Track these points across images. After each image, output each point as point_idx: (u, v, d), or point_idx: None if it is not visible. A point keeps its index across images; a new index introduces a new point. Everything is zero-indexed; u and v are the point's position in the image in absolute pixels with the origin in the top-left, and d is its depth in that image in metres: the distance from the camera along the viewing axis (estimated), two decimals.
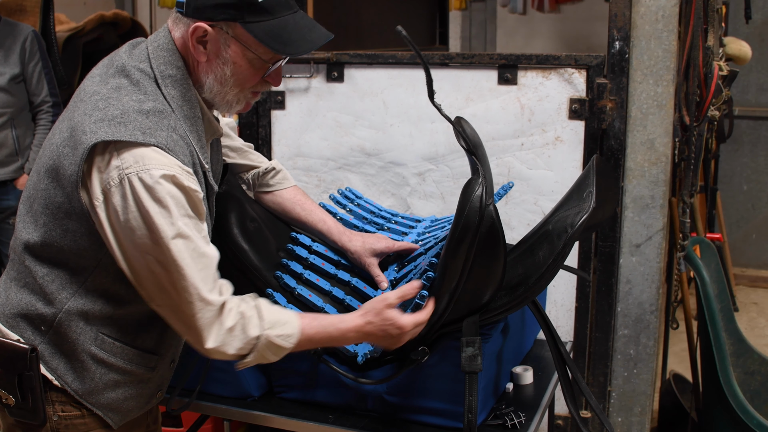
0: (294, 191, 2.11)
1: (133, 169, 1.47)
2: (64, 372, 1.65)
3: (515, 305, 1.76)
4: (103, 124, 1.50)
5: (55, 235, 1.58)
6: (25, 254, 1.63)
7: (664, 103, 2.43)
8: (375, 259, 2.04)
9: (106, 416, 1.69)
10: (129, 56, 1.64)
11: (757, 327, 4.93)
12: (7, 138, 3.57)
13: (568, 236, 1.69)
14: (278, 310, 1.66)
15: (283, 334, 1.63)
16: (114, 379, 1.68)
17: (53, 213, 1.58)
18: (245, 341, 1.60)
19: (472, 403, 1.74)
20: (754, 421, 2.77)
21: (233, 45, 1.58)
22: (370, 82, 2.70)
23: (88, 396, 1.66)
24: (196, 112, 1.63)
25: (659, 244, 2.50)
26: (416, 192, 2.72)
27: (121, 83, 1.58)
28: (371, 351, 1.87)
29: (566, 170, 2.53)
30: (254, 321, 1.61)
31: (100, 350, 1.65)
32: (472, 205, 1.65)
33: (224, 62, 1.60)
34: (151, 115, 1.53)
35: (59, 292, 1.61)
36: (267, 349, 1.62)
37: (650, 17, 2.39)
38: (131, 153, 1.48)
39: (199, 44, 1.58)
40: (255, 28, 1.57)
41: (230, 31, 1.57)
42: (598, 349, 2.60)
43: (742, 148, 5.66)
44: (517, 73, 2.54)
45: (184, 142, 1.56)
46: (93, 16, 4.59)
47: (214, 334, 1.57)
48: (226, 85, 1.63)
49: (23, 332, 1.64)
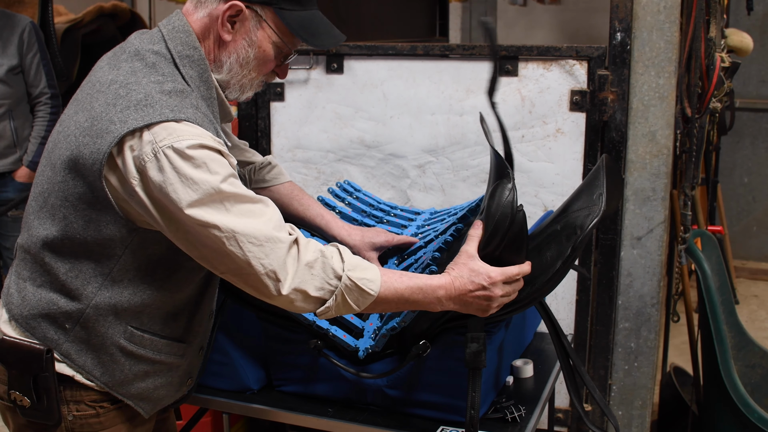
0: (290, 186, 2.10)
1: (167, 141, 1.45)
2: (93, 367, 1.64)
3: (522, 306, 1.74)
4: (131, 111, 1.48)
5: (77, 227, 1.56)
6: (45, 251, 1.60)
7: (666, 94, 2.42)
8: (374, 253, 2.04)
9: (137, 405, 1.69)
10: (141, 41, 1.63)
11: (758, 320, 4.93)
12: (6, 130, 3.56)
13: (577, 239, 1.67)
14: (359, 258, 1.58)
15: (366, 277, 1.54)
16: (144, 370, 1.67)
17: (73, 205, 1.55)
18: (327, 280, 1.52)
19: (475, 399, 1.74)
20: (754, 414, 2.77)
21: (262, 29, 1.61)
22: (369, 73, 2.69)
23: (119, 387, 1.66)
24: (212, 93, 1.64)
25: (660, 237, 2.49)
26: (416, 184, 2.71)
27: (135, 66, 1.57)
28: (372, 346, 1.86)
29: (567, 162, 2.52)
30: (336, 259, 1.54)
31: (129, 343, 1.64)
32: (503, 211, 1.61)
33: (250, 44, 1.62)
34: (174, 95, 1.52)
35: (84, 287, 1.59)
36: (350, 294, 1.53)
37: (652, 8, 2.38)
38: (162, 127, 1.47)
39: (228, 22, 1.60)
40: (288, 16, 1.60)
41: (263, 14, 1.60)
42: (598, 342, 2.59)
43: (743, 140, 5.65)
44: (518, 64, 2.52)
45: (207, 119, 1.56)
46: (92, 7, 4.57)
47: (291, 270, 1.49)
48: (246, 68, 1.65)
49: (46, 332, 1.62)
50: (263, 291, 1.52)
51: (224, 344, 2.01)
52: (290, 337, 1.95)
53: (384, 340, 1.84)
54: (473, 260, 1.60)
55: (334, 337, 1.86)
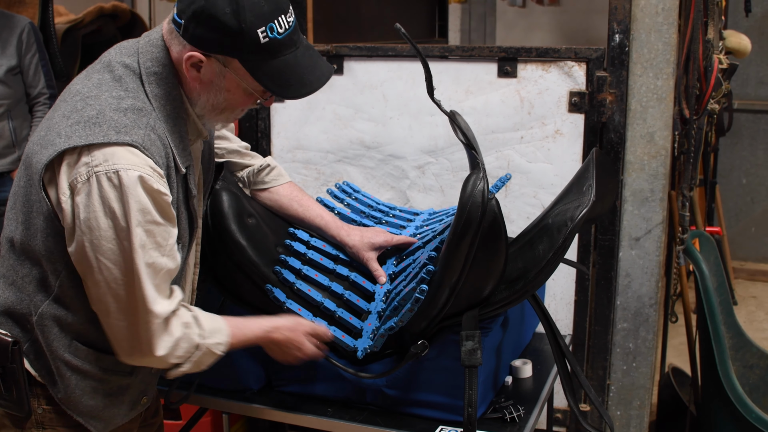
0: (290, 187, 2.10)
1: (102, 168, 1.45)
2: (45, 375, 1.63)
3: (515, 299, 1.76)
4: (78, 127, 1.48)
5: (29, 234, 1.56)
6: (10, 252, 1.61)
7: (664, 96, 2.43)
8: (374, 253, 2.04)
9: (87, 423, 1.66)
10: (117, 52, 1.61)
11: (756, 320, 4.94)
12: (4, 129, 3.56)
13: (567, 230, 1.68)
14: (212, 318, 1.67)
15: (218, 342, 1.65)
16: (91, 386, 1.64)
17: (28, 211, 1.56)
18: (187, 350, 1.60)
19: (472, 397, 1.74)
20: (752, 414, 2.77)
21: (229, 76, 1.55)
22: (369, 74, 2.69)
23: (68, 403, 1.64)
24: (180, 112, 1.60)
25: (658, 238, 2.50)
26: (415, 185, 2.72)
27: (103, 79, 1.56)
28: (371, 346, 1.87)
29: (566, 163, 2.52)
30: (195, 330, 1.61)
31: (74, 357, 1.62)
32: (474, 200, 1.65)
33: (218, 90, 1.58)
34: (129, 113, 1.51)
35: (35, 295, 1.59)
36: (204, 357, 1.64)
37: (650, 10, 2.39)
38: (102, 151, 1.46)
39: (192, 68, 1.55)
40: (253, 67, 1.53)
41: (227, 64, 1.54)
42: (597, 342, 2.60)
43: (741, 141, 5.65)
44: (517, 65, 2.53)
45: (161, 142, 1.53)
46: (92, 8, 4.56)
47: (164, 342, 1.56)
48: (217, 108, 1.61)
49: (11, 329, 1.62)
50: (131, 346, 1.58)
51: None
52: None
53: (382, 340, 1.85)
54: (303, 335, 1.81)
55: (332, 337, 1.87)
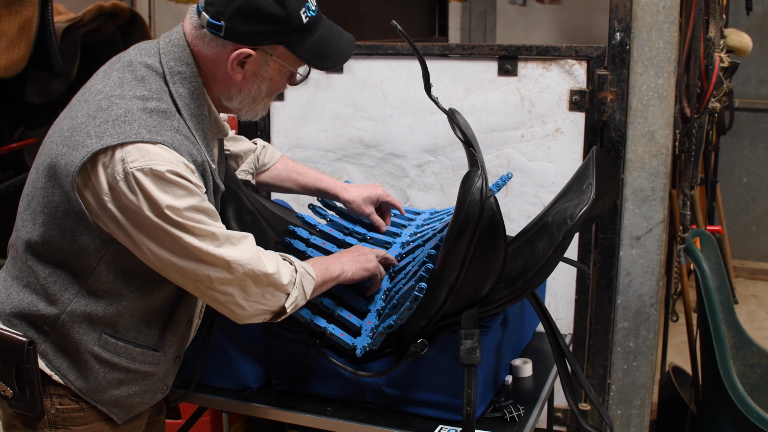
0: (284, 160, 2.19)
1: (138, 164, 1.46)
2: (68, 371, 1.64)
3: (514, 298, 1.76)
4: (108, 126, 1.49)
5: (55, 235, 1.57)
6: (28, 253, 1.61)
7: (665, 94, 2.42)
8: (372, 206, 2.16)
9: (110, 412, 1.69)
10: (137, 52, 1.63)
11: (757, 319, 4.93)
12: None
13: (567, 228, 1.68)
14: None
15: (304, 266, 1.72)
16: (118, 378, 1.68)
17: (51, 212, 1.56)
18: (290, 273, 1.66)
19: (471, 396, 1.74)
20: (753, 413, 2.77)
21: (272, 63, 1.61)
22: (369, 73, 2.69)
23: (93, 394, 1.66)
24: (204, 111, 1.63)
25: (659, 237, 2.50)
26: (415, 184, 2.71)
27: (125, 78, 1.57)
28: (370, 344, 1.86)
29: (566, 162, 2.52)
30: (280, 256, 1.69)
31: (103, 350, 1.64)
32: (472, 198, 1.64)
33: (261, 80, 1.63)
34: (155, 115, 1.53)
35: (62, 293, 1.60)
36: (304, 280, 1.69)
37: (651, 8, 2.38)
38: (136, 147, 1.48)
39: (237, 65, 1.59)
40: (299, 48, 1.60)
41: (273, 52, 1.60)
42: (597, 341, 2.59)
43: (742, 140, 5.65)
44: (518, 64, 2.52)
45: (188, 141, 1.56)
46: (91, 6, 4.55)
47: (266, 259, 1.61)
48: (258, 99, 1.66)
49: (26, 331, 1.63)
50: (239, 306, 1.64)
51: (223, 343, 2.01)
52: (289, 336, 1.95)
53: (381, 338, 1.84)
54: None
55: (331, 335, 1.87)
